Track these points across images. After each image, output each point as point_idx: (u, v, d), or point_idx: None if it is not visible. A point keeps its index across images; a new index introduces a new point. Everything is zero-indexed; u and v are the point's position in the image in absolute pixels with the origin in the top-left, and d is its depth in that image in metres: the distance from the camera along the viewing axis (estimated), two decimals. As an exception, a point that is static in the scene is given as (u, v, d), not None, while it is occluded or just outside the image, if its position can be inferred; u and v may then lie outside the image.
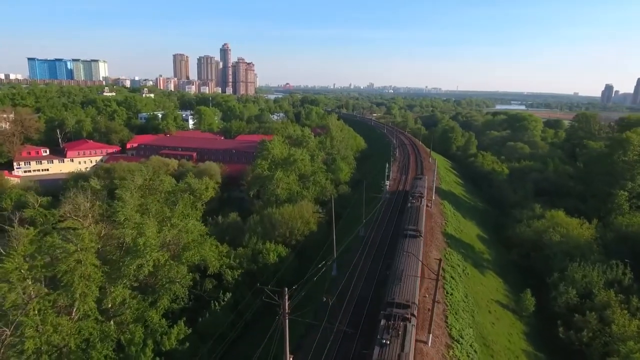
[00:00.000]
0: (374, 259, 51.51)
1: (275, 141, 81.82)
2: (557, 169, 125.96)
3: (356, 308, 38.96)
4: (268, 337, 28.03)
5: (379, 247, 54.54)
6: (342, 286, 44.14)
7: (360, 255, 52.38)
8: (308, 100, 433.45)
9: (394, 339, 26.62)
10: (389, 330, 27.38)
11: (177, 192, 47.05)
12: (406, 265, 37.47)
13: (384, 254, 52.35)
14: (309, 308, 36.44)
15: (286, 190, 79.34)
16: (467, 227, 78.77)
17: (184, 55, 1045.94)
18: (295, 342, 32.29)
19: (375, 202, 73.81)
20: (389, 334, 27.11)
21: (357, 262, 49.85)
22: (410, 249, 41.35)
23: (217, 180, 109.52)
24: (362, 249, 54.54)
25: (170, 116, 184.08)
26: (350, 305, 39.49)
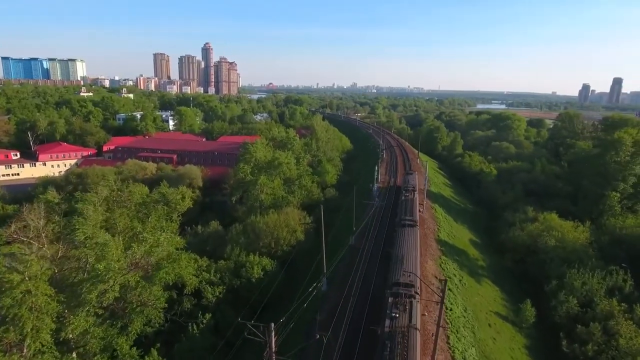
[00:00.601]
0: (367, 270, 47.84)
1: (258, 144, 77.50)
2: (544, 169, 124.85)
3: (349, 334, 35.14)
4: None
5: (371, 257, 50.88)
6: (334, 303, 40.49)
7: (352, 266, 48.72)
8: (292, 100, 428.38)
9: (402, 313, 29.80)
10: (397, 306, 30.63)
11: (150, 204, 42.46)
12: (406, 251, 40.96)
13: (378, 264, 48.78)
14: (300, 345, 32.56)
15: (270, 196, 75.19)
16: (459, 231, 75.97)
17: (164, 54, 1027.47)
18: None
19: (364, 207, 70.34)
20: (397, 308, 30.28)
21: (349, 274, 46.12)
22: (408, 236, 45.40)
23: (198, 184, 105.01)
24: (354, 259, 50.87)
25: (149, 117, 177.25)
26: (344, 326, 35.67)
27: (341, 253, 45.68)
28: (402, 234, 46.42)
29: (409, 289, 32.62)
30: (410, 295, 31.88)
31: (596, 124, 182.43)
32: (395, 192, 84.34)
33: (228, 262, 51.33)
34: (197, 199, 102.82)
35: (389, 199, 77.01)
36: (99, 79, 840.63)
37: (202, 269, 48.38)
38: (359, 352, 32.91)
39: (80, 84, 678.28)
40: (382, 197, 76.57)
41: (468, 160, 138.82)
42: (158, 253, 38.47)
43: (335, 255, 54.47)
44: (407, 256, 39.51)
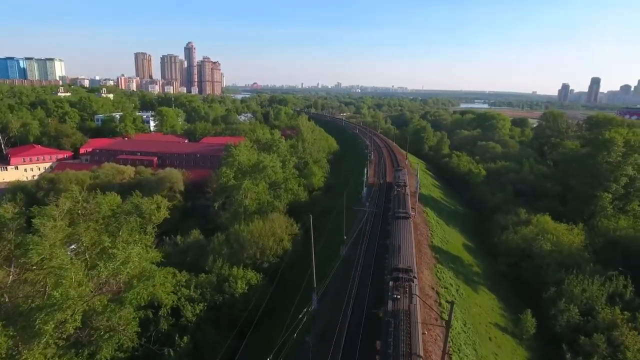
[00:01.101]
0: (360, 284, 44.53)
1: (242, 147, 73.55)
2: (532, 169, 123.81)
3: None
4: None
5: (364, 269, 47.59)
6: (325, 323, 37.15)
7: (344, 280, 45.38)
8: (276, 100, 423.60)
9: (402, 295, 32.44)
10: (398, 289, 33.26)
11: (121, 216, 38.38)
12: (402, 240, 44.00)
13: (371, 278, 45.53)
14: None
15: (255, 201, 71.44)
16: (452, 235, 73.43)
17: (146, 54, 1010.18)
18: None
19: (354, 213, 67.17)
20: (398, 291, 32.92)
21: (341, 290, 42.74)
22: (403, 228, 48.80)
23: (179, 189, 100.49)
24: (346, 273, 47.55)
25: (128, 118, 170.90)
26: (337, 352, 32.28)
27: (332, 269, 42.17)
28: (396, 226, 49.74)
29: (408, 274, 35.73)
30: (409, 279, 34.91)
31: (580, 123, 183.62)
32: (385, 195, 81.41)
33: (210, 276, 47.49)
34: (179, 204, 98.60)
35: (380, 203, 73.74)
36: (79, 79, 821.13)
37: (181, 284, 44.45)
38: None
39: (59, 83, 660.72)
40: (372, 201, 73.39)
41: (456, 161, 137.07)
42: (129, 270, 34.48)
43: (326, 266, 51.25)
44: (403, 245, 42.62)
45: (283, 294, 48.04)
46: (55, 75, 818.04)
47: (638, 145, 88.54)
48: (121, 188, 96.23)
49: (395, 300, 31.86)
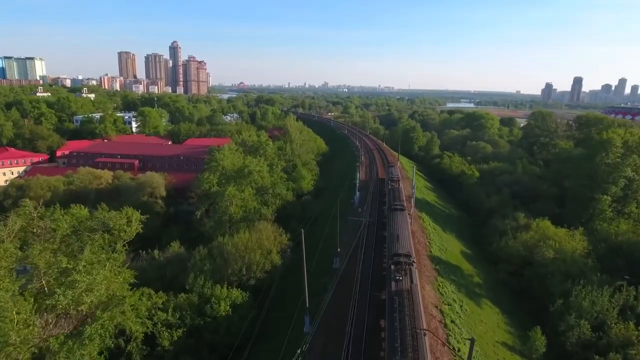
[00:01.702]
0: (357, 302, 40.29)
1: (226, 150, 68.67)
2: (525, 170, 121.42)
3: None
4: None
5: (361, 285, 43.38)
6: (319, 350, 32.90)
7: (338, 296, 41.15)
8: (263, 99, 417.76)
9: (404, 276, 34.65)
10: (399, 271, 35.35)
11: (83, 233, 33.47)
12: (400, 230, 46.14)
13: (369, 294, 41.39)
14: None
15: (241, 208, 66.75)
16: (449, 243, 69.82)
17: (130, 53, 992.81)
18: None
19: (346, 219, 63.04)
20: (400, 273, 35.01)
21: (335, 308, 38.47)
22: (399, 218, 51.22)
23: (160, 194, 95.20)
24: (340, 288, 43.31)
25: (108, 119, 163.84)
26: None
27: (327, 293, 37.80)
28: (393, 217, 52.40)
29: (408, 258, 38.16)
30: (409, 263, 37.25)
31: (570, 123, 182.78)
32: (379, 199, 77.50)
33: (190, 296, 42.73)
34: (161, 210, 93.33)
35: (374, 209, 69.60)
36: (60, 79, 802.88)
37: (157, 307, 39.66)
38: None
39: (40, 83, 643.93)
40: (365, 207, 69.29)
41: (448, 162, 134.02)
42: (94, 298, 29.67)
43: (318, 280, 47.00)
44: (401, 234, 44.96)
45: (272, 314, 43.61)
46: (36, 75, 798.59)
47: (636, 146, 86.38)
48: (98, 194, 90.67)
49: (397, 281, 34.47)
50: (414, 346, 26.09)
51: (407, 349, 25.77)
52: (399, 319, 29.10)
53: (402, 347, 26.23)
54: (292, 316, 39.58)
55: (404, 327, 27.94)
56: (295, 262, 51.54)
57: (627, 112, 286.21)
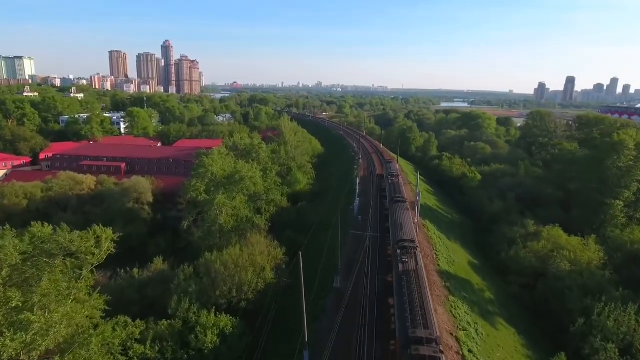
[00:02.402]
0: (360, 329, 35.44)
1: (215, 155, 63.37)
2: (527, 172, 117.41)
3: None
4: None
5: (365, 309, 38.51)
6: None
7: (338, 321, 36.28)
8: (257, 99, 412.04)
9: (410, 259, 38.74)
10: (405, 254, 39.26)
11: (40, 259, 28.15)
12: (403, 218, 50.56)
13: (375, 319, 36.59)
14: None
15: (232, 217, 61.59)
16: (456, 253, 65.21)
17: (121, 52, 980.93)
18: None
19: (345, 229, 58.25)
20: (405, 256, 39.02)
21: (338, 341, 33.54)
22: (401, 209, 55.93)
23: (147, 200, 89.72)
24: (342, 310, 38.45)
25: (94, 120, 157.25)
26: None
27: (332, 330, 32.89)
28: (395, 208, 56.88)
29: (412, 243, 42.26)
30: (413, 247, 40.98)
31: (570, 123, 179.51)
32: (380, 207, 72.69)
33: (173, 322, 37.64)
34: (147, 217, 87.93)
35: (376, 218, 64.59)
36: (50, 78, 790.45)
37: (134, 338, 34.51)
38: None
39: (29, 83, 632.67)
40: (369, 219, 64.42)
41: (448, 164, 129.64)
42: (50, 342, 24.48)
43: (318, 300, 42.10)
44: (404, 223, 49.09)
45: (266, 342, 38.57)
46: (25, 74, 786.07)
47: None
48: (79, 201, 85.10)
49: (404, 263, 37.92)
50: (423, 316, 28.58)
51: (417, 319, 28.18)
52: (407, 294, 31.89)
53: (412, 317, 28.60)
54: (289, 344, 34.78)
55: (413, 301, 30.68)
56: (291, 280, 46.68)
57: (623, 112, 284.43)
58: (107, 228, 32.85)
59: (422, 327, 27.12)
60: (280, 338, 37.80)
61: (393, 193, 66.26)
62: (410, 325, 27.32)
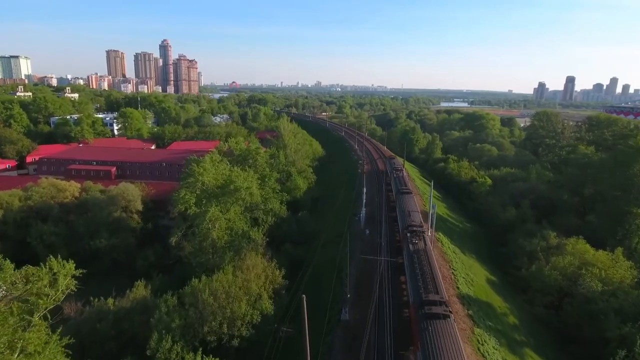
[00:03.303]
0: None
1: (207, 162, 57.15)
2: (539, 177, 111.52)
3: None
4: None
5: (377, 352, 32.48)
6: None
7: None
8: (255, 99, 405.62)
9: (419, 241, 43.36)
10: (414, 237, 44.08)
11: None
12: (410, 207, 57.03)
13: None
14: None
15: (226, 231, 55.52)
16: (473, 269, 59.24)
17: (118, 51, 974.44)
18: None
19: (352, 243, 52.24)
20: (415, 238, 43.76)
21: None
22: (407, 200, 60.80)
23: (136, 208, 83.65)
24: (350, 347, 32.52)
25: (85, 121, 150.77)
26: None
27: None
28: (402, 199, 61.29)
29: (420, 227, 47.27)
30: (421, 231, 45.86)
31: (580, 124, 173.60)
32: (390, 222, 66.36)
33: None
34: (137, 226, 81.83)
35: (389, 239, 58.00)
36: (46, 78, 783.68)
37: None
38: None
39: (25, 82, 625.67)
40: (372, 225, 58.38)
41: (455, 167, 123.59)
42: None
43: (322, 336, 36.05)
44: (411, 211, 54.45)
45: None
46: (21, 74, 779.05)
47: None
48: (62, 210, 78.69)
49: (414, 244, 42.17)
50: (433, 284, 33.18)
51: (429, 287, 32.83)
52: (419, 267, 36.45)
53: (424, 285, 33.17)
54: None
55: (424, 273, 35.23)
56: (291, 302, 40.70)
57: (629, 112, 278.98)
58: (69, 261, 26.52)
59: (433, 292, 32.13)
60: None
61: (399, 185, 71.85)
62: (423, 291, 32.23)
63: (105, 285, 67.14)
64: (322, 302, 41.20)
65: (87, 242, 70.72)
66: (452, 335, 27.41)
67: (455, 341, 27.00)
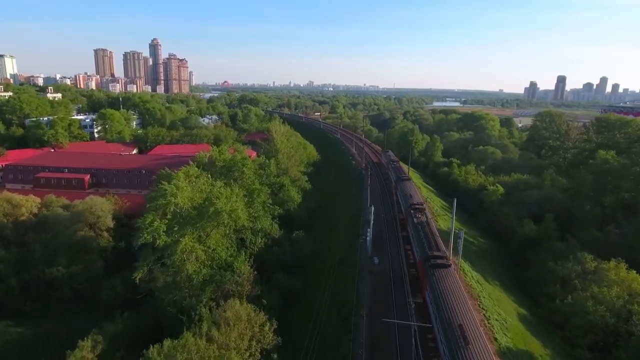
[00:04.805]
0: None
1: (182, 178, 46.66)
2: (554, 184, 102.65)
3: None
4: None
5: None
6: None
7: None
8: (247, 99, 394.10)
9: (421, 215, 52.39)
10: (417, 213, 53.17)
11: None
12: (411, 190, 66.81)
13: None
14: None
15: (205, 264, 45.28)
16: (503, 305, 49.64)
17: (107, 50, 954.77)
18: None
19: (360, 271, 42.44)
20: (417, 214, 52.57)
21: None
22: (407, 185, 70.34)
23: (106, 226, 73.01)
24: None
25: (59, 123, 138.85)
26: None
27: None
28: (403, 185, 70.51)
29: (421, 206, 57.60)
30: (422, 209, 55.72)
31: (587, 125, 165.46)
32: (403, 244, 56.77)
33: None
34: (107, 246, 71.07)
35: (407, 265, 48.25)
36: (33, 77, 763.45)
37: None
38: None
39: (10, 82, 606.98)
40: (381, 251, 48.63)
41: (462, 173, 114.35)
42: None
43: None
44: (413, 193, 65.52)
45: None
46: (6, 73, 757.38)
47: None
48: (17, 230, 67.79)
49: (417, 217, 51.55)
50: (435, 245, 43.26)
51: (432, 246, 42.84)
52: (422, 233, 46.17)
53: (428, 244, 43.09)
54: None
55: (428, 237, 45.26)
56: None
57: (628, 112, 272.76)
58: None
59: (436, 250, 41.76)
60: None
61: (398, 173, 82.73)
62: (428, 249, 41.64)
63: (64, 324, 56.88)
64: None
65: (43, 269, 59.85)
66: (452, 277, 35.64)
67: (455, 281, 34.91)
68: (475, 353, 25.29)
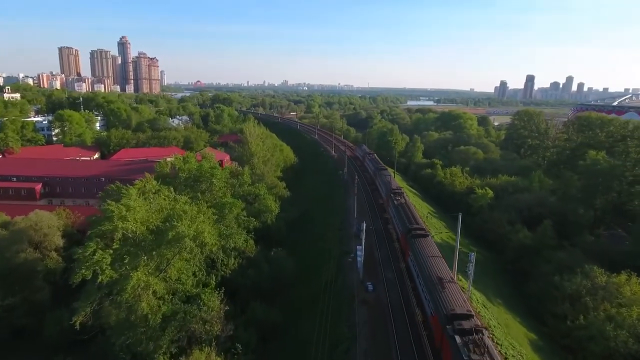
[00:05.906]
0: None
1: (133, 196, 38.13)
2: (542, 186, 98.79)
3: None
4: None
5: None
6: None
7: None
8: (220, 99, 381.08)
9: (400, 198, 60.45)
10: (396, 197, 61.14)
11: None
12: (389, 179, 75.78)
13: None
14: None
15: (162, 301, 37.17)
16: (512, 332, 43.67)
17: (72, 48, 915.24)
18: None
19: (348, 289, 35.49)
20: (397, 198, 60.68)
21: None
22: (386, 175, 79.46)
23: (53, 244, 63.31)
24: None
25: (10, 126, 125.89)
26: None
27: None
28: (381, 174, 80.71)
29: (400, 190, 65.52)
30: (401, 193, 63.55)
31: (568, 124, 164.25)
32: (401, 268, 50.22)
33: None
34: (55, 269, 61.27)
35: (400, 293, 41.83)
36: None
37: None
38: None
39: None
40: (376, 279, 41.88)
41: (446, 175, 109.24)
42: None
43: None
44: (391, 181, 75.06)
45: None
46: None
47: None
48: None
49: (397, 200, 59.36)
50: (415, 220, 50.22)
51: (412, 221, 49.56)
52: (402, 212, 53.57)
53: (408, 220, 49.94)
54: None
55: (407, 214, 52.27)
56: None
57: (600, 110, 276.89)
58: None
59: (415, 223, 48.94)
60: None
61: (375, 164, 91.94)
62: (408, 223, 48.96)
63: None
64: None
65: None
66: (431, 244, 43.44)
67: (433, 247, 42.79)
68: (449, 294, 31.86)
